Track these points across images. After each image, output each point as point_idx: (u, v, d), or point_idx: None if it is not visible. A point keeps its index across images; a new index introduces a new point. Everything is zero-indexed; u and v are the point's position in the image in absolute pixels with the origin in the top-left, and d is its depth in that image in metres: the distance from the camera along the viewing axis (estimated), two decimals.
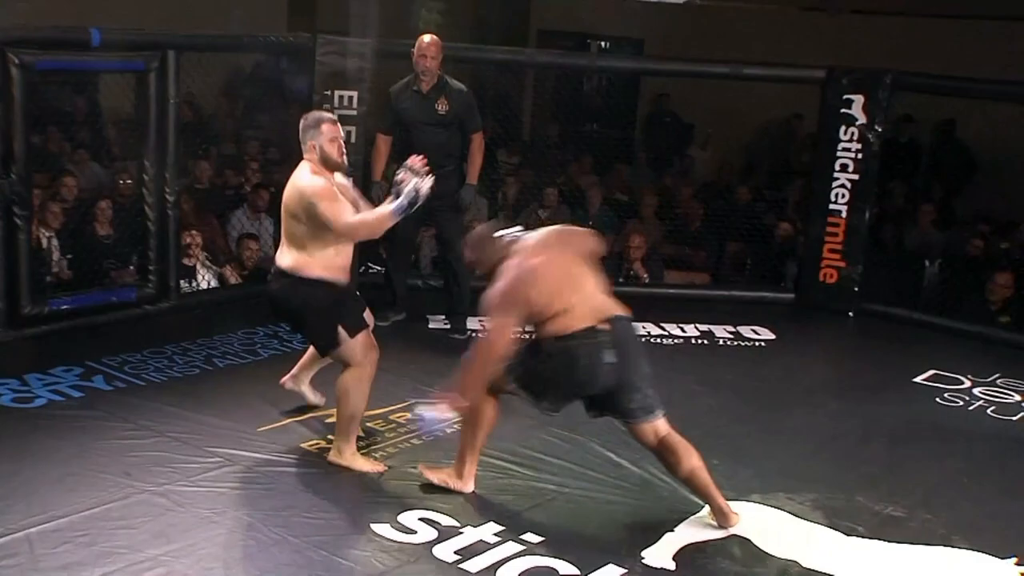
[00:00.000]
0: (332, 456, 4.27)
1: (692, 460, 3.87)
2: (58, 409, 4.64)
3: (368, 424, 4.63)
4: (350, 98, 6.52)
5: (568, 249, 3.94)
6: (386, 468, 4.25)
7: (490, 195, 8.52)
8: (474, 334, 5.84)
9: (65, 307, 5.68)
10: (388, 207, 4.03)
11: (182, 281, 6.26)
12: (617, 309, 3.85)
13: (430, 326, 6.24)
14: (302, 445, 4.41)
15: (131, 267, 6.35)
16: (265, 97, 8.02)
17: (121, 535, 3.58)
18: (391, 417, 4.76)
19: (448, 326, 6.16)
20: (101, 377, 5.02)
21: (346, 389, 4.18)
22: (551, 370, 3.80)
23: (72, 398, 4.77)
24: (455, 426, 4.67)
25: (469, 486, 4.09)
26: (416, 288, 6.67)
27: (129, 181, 6.71)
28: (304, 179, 4.12)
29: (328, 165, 4.19)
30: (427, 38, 5.94)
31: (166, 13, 8.13)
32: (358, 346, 4.18)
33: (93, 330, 5.68)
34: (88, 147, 7.66)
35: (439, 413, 3.86)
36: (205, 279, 6.52)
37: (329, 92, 6.49)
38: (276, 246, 4.52)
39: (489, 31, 11.21)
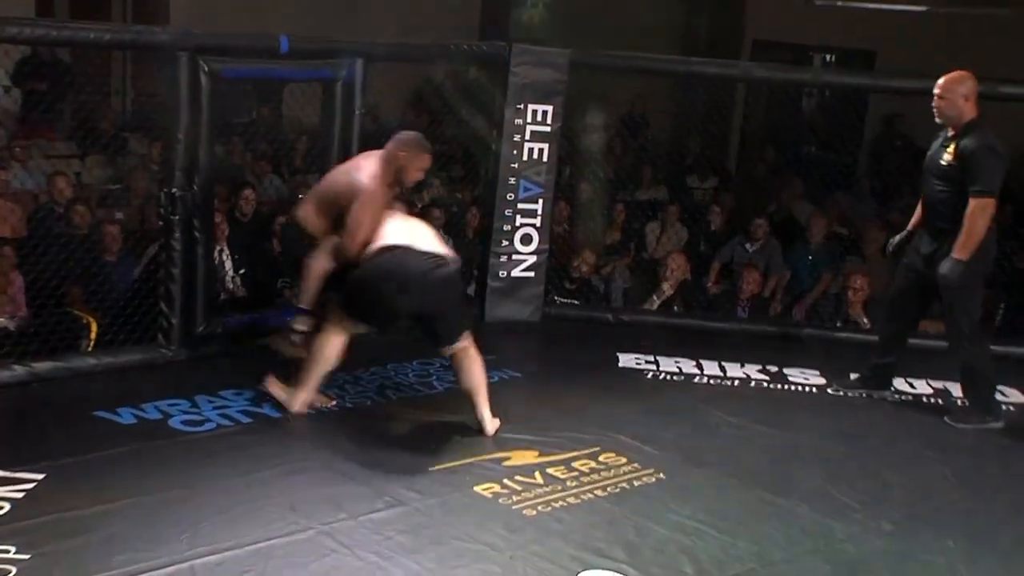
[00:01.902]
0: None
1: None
2: (227, 434, 4.82)
3: (548, 471, 4.62)
4: (544, 112, 6.57)
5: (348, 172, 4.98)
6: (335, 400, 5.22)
7: (692, 224, 8.44)
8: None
9: (238, 326, 5.94)
10: None
11: None
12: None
13: (620, 365, 6.20)
14: (476, 489, 4.41)
15: None
16: (451, 111, 8.15)
17: (285, 575, 3.67)
18: (573, 465, 4.73)
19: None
20: (270, 404, 5.20)
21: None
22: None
23: (241, 424, 4.95)
24: (644, 479, 4.60)
25: (298, 408, 5.04)
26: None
27: None
28: None
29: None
30: (946, 78, 5.42)
31: (355, 23, 8.46)
32: None
33: (265, 352, 5.90)
34: (270, 158, 8.03)
35: None
36: None
37: (522, 106, 6.56)
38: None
39: (699, 42, 11.13)
